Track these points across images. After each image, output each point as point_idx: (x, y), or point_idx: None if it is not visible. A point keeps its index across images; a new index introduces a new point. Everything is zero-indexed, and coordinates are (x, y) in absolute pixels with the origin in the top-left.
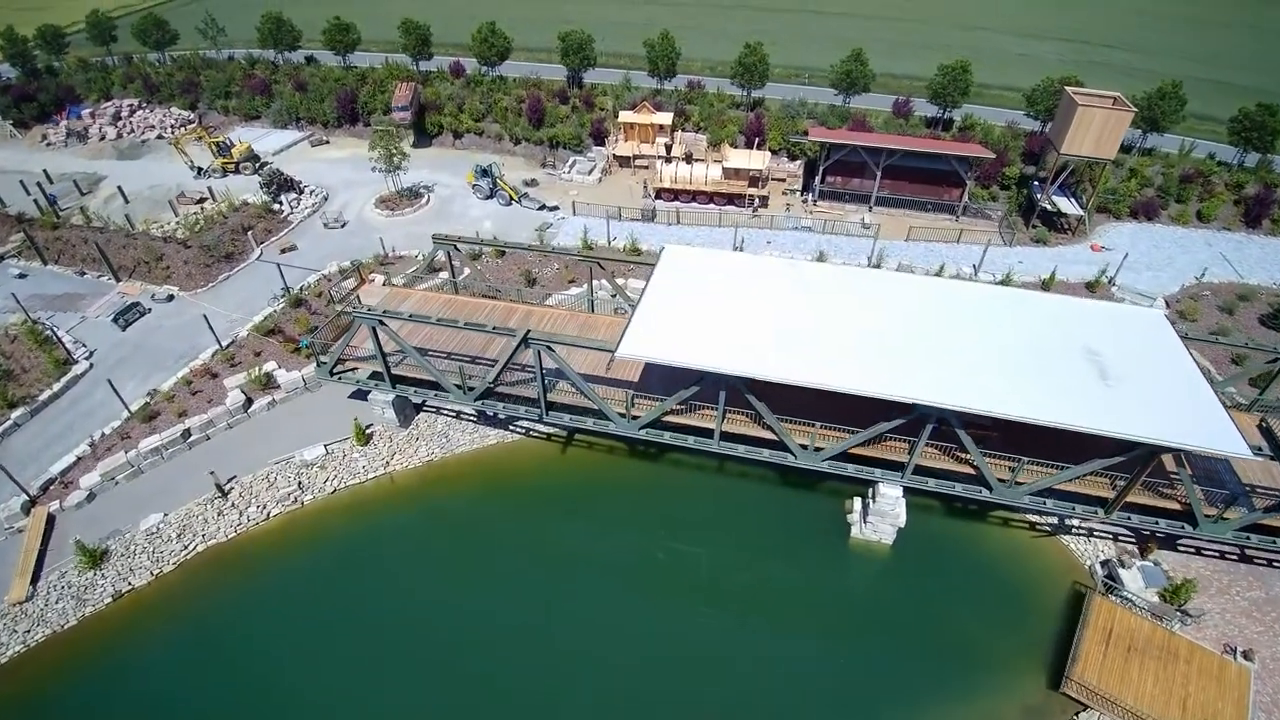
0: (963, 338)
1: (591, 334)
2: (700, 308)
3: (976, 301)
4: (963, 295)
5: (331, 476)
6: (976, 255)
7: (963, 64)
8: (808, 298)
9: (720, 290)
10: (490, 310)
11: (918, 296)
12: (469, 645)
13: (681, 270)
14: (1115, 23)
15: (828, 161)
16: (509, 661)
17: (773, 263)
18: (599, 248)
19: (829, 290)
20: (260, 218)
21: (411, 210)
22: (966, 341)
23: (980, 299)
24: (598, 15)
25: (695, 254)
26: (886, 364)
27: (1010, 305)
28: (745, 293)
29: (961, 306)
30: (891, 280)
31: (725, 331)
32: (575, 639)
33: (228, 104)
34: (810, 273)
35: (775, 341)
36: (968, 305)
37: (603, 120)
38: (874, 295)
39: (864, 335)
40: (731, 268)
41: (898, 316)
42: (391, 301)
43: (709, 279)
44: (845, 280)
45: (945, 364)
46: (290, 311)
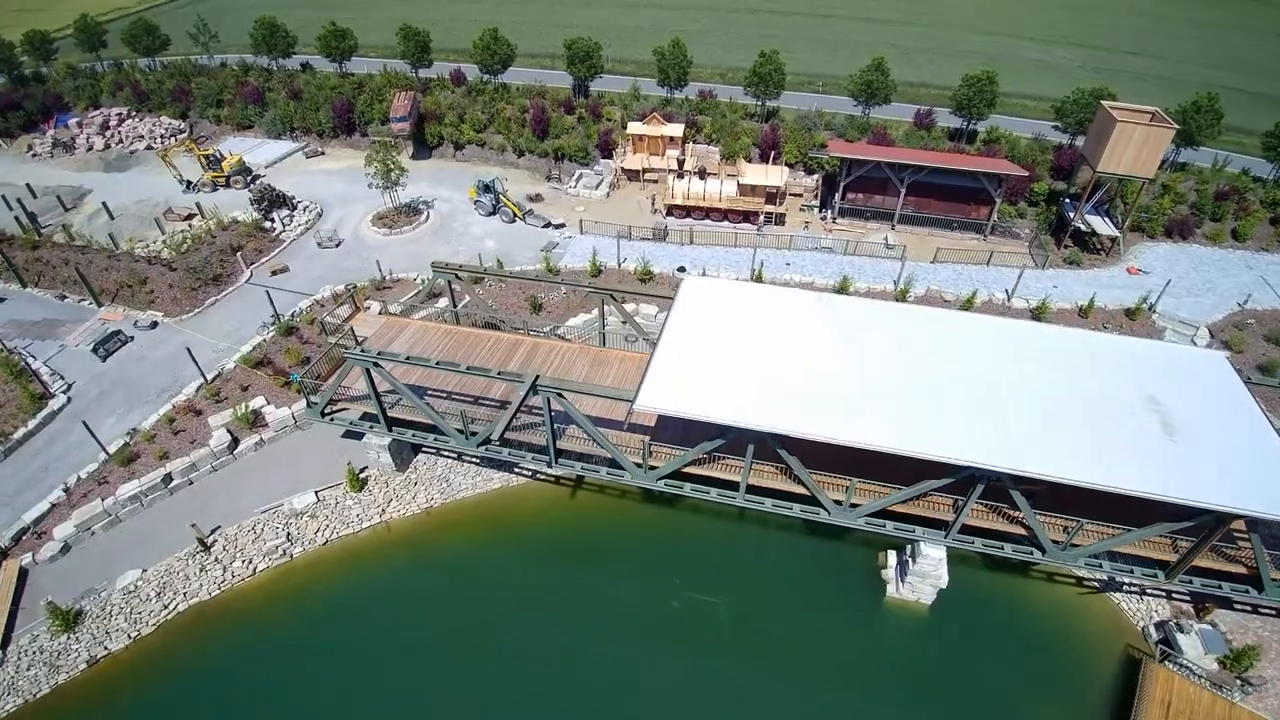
0: (1013, 384)
1: (603, 370)
2: (723, 349)
3: (1023, 341)
4: (1008, 334)
5: (323, 526)
6: (1008, 278)
7: (989, 74)
8: (840, 337)
9: (744, 328)
10: (493, 343)
11: (958, 335)
12: (472, 707)
13: (701, 305)
14: (1132, 27)
15: (848, 178)
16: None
17: (799, 296)
18: (609, 272)
19: (862, 328)
20: (250, 236)
21: (410, 228)
22: (1018, 388)
23: (1027, 338)
24: (603, 19)
25: (715, 286)
26: (933, 417)
27: (1060, 346)
28: (772, 331)
29: (1008, 346)
30: (928, 316)
31: (752, 378)
32: (586, 695)
33: (219, 113)
34: (840, 308)
35: (808, 390)
36: (1014, 345)
37: (610, 131)
38: (911, 333)
39: (905, 382)
40: (755, 301)
41: (940, 359)
42: (388, 332)
43: (731, 315)
44: (878, 316)
45: (997, 416)
46: (280, 341)
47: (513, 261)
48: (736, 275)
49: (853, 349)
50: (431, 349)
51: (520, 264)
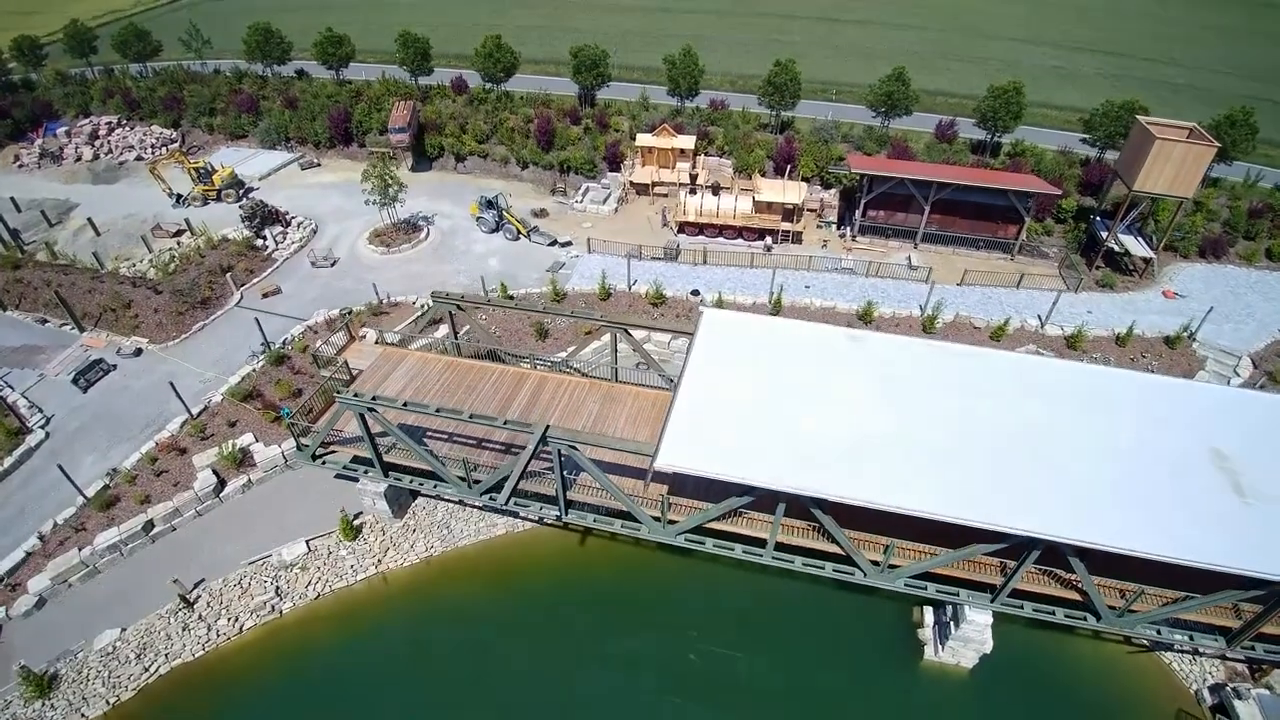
0: (1068, 436)
1: (615, 408)
2: (749, 394)
3: (1073, 385)
4: (1056, 377)
5: (315, 579)
6: (1039, 303)
7: (1015, 85)
8: (876, 380)
9: (771, 370)
10: (497, 377)
11: (1003, 378)
12: None
13: (723, 342)
14: (1150, 33)
15: (870, 194)
16: None
17: (829, 333)
18: (618, 294)
19: (899, 370)
20: (241, 255)
21: (409, 246)
22: (1073, 441)
23: (1077, 381)
24: (608, 24)
25: (737, 320)
26: (985, 477)
27: (1112, 390)
28: (801, 374)
29: (1057, 391)
30: (966, 356)
31: (783, 429)
32: None
33: (212, 122)
34: (874, 347)
35: (845, 444)
36: (1065, 390)
37: (618, 143)
38: (951, 377)
39: (951, 435)
40: (781, 338)
41: (986, 407)
42: (385, 364)
43: (756, 354)
44: (915, 356)
45: (1054, 475)
46: (271, 371)
47: (517, 283)
48: (754, 299)
49: (890, 394)
50: (431, 383)
51: (525, 285)
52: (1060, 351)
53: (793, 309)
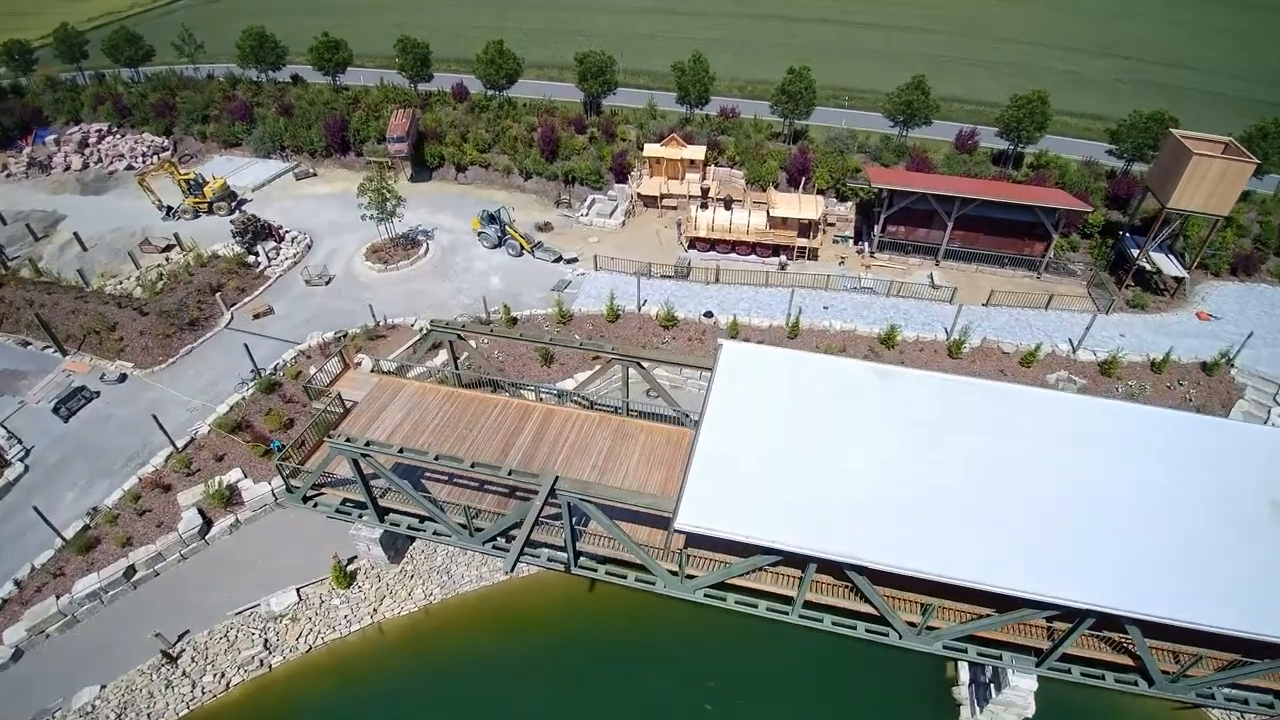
0: (1119, 487)
1: (627, 445)
2: (775, 441)
3: (1119, 426)
4: (1101, 418)
5: (306, 631)
6: (1069, 325)
7: (1040, 94)
8: (911, 423)
9: (797, 412)
10: (500, 409)
11: (1045, 419)
12: None
13: (744, 380)
14: (1159, 36)
15: (890, 209)
16: None
17: (857, 370)
18: (627, 316)
19: (934, 411)
20: (232, 273)
21: (408, 263)
22: (1125, 493)
23: (1123, 422)
24: (612, 26)
25: (757, 355)
26: (1031, 536)
27: (1162, 431)
28: (829, 416)
29: (1103, 434)
30: (1006, 396)
31: (811, 480)
32: None
33: (205, 129)
34: (907, 385)
35: (878, 497)
36: (1111, 433)
37: (625, 153)
38: (989, 417)
39: (992, 485)
40: (806, 375)
41: (1029, 452)
42: (381, 395)
43: (780, 394)
44: (949, 394)
45: (1106, 533)
46: (261, 399)
47: (521, 303)
48: (770, 321)
49: (926, 439)
50: (430, 416)
51: (529, 305)
52: (1094, 378)
53: (811, 332)
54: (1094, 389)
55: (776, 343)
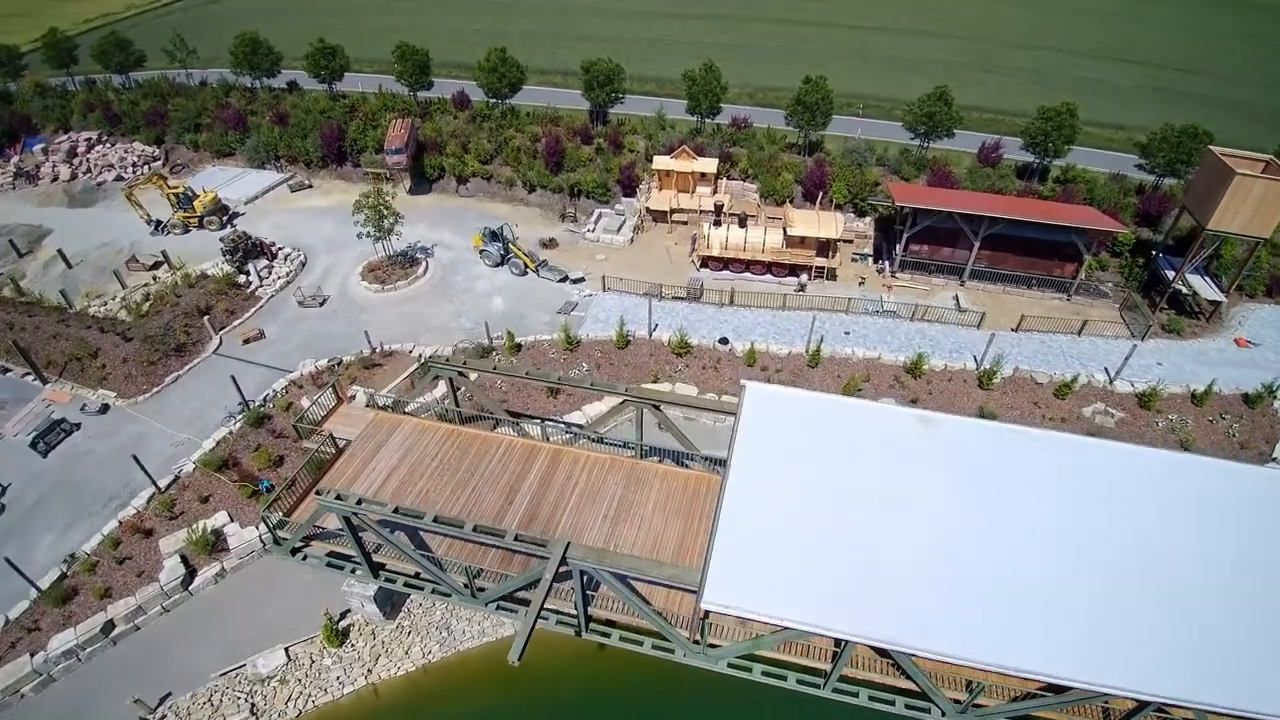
0: (1191, 557)
1: (641, 491)
2: (807, 501)
3: (1184, 484)
4: (1165, 473)
5: (295, 694)
6: (1104, 352)
7: (1068, 106)
8: (954, 478)
9: (830, 465)
10: (504, 450)
11: (1105, 475)
12: None
13: (772, 428)
14: (1176, 41)
15: (913, 228)
16: None
17: (893, 415)
18: (638, 342)
19: (980, 464)
20: (221, 294)
21: (406, 283)
22: (1200, 568)
23: (1189, 479)
24: (617, 30)
25: (785, 399)
26: (1096, 617)
27: (1237, 490)
28: (865, 469)
29: (1170, 493)
30: (1057, 446)
31: (852, 552)
32: None
33: (197, 138)
34: (949, 434)
35: (924, 570)
36: (1177, 491)
37: (633, 165)
38: (1042, 473)
39: (1049, 554)
40: (839, 422)
41: (1089, 516)
42: (376, 433)
43: (812, 444)
44: (997, 445)
45: (1177, 611)
46: (250, 433)
47: (525, 327)
48: (789, 349)
49: (975, 500)
50: (428, 458)
51: (534, 329)
52: (1132, 411)
53: (832, 361)
54: (1132, 422)
55: (796, 372)
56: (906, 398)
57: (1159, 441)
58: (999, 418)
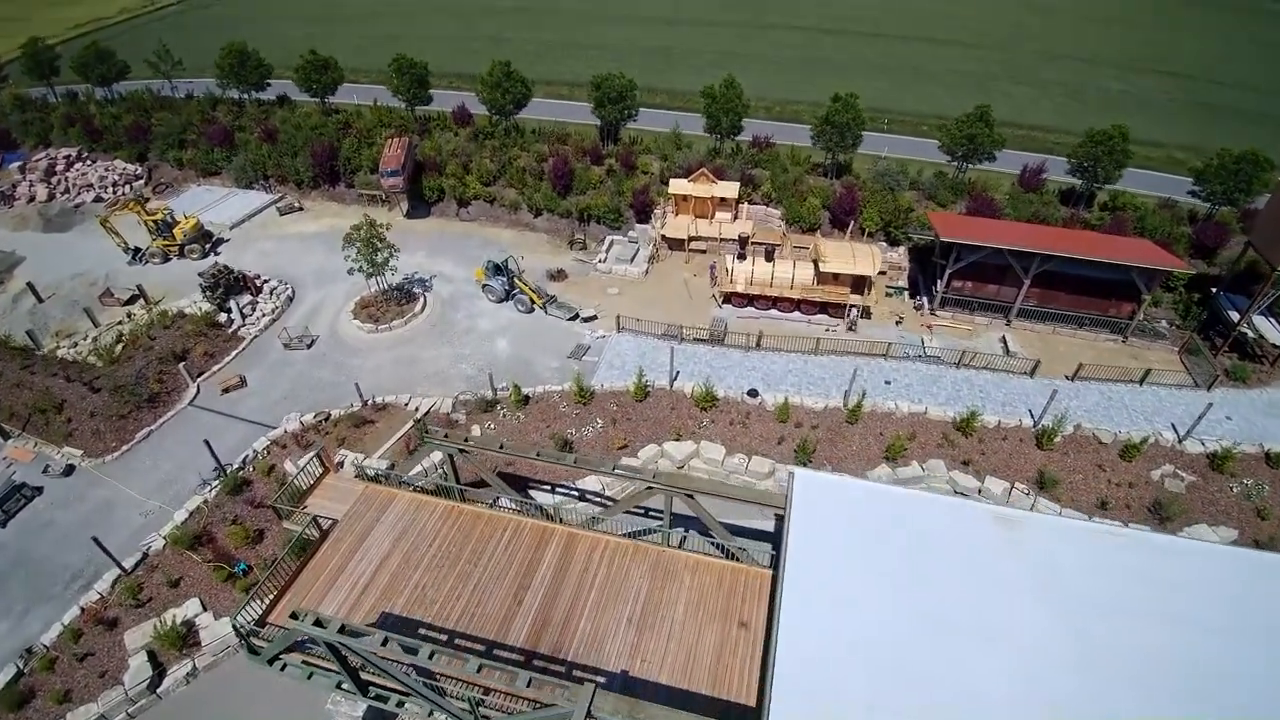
0: None
1: (670, 587)
2: (874, 621)
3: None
4: None
5: None
6: (1168, 404)
7: (1120, 129)
8: (1047, 596)
9: (898, 573)
10: (511, 534)
11: (1220, 587)
12: None
13: (827, 531)
14: (1207, 51)
15: (957, 263)
16: None
17: (967, 512)
18: (657, 393)
19: (1081, 579)
20: (200, 335)
21: (401, 322)
22: None
23: None
24: (626, 38)
25: (841, 491)
26: None
27: None
28: (940, 580)
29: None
30: (1165, 553)
31: (929, 688)
32: None
33: (182, 155)
34: (1035, 537)
35: (1018, 713)
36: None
37: (647, 189)
38: (1147, 587)
39: (1170, 699)
40: (901, 514)
41: (1218, 650)
42: (366, 510)
43: (876, 548)
44: (1101, 555)
45: None
46: (226, 503)
47: (533, 374)
48: (825, 402)
49: (1074, 624)
50: (425, 543)
51: (542, 378)
52: (1203, 473)
53: (874, 416)
54: (1204, 487)
55: (834, 429)
56: (957, 458)
57: (1233, 509)
58: (1060, 483)
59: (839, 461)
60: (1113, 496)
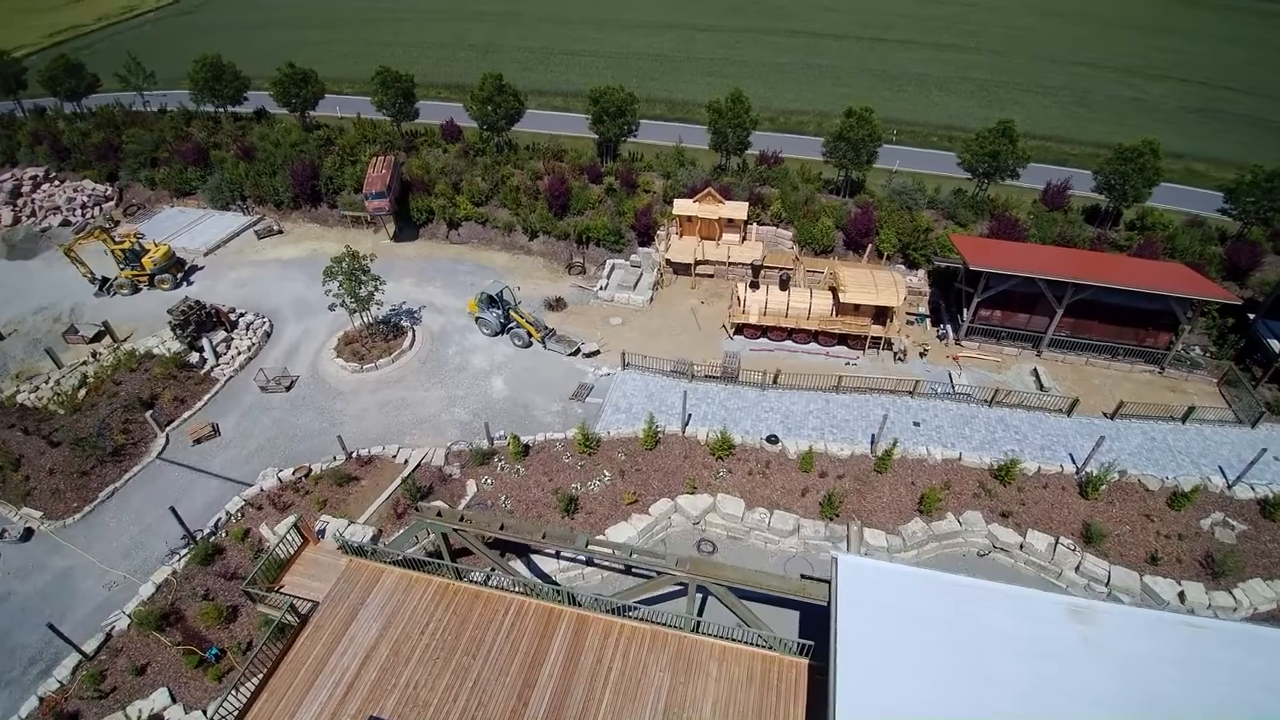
0: None
1: (696, 682)
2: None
3: None
4: None
5: None
6: (1213, 444)
7: (1151, 144)
8: (1134, 704)
9: (966, 683)
10: (514, 618)
11: None
12: None
13: (880, 622)
14: (1220, 55)
15: (986, 292)
16: None
17: (1039, 606)
18: (669, 439)
19: (1166, 678)
20: (170, 378)
21: (388, 359)
22: None
23: None
24: (622, 46)
25: (891, 579)
26: None
27: None
28: (1011, 689)
29: None
30: (1253, 646)
31: None
32: None
33: (154, 174)
34: (1111, 632)
35: None
36: None
37: (650, 209)
38: (1238, 689)
39: None
40: (965, 613)
41: None
42: (351, 589)
43: (934, 645)
44: (1189, 649)
45: None
46: (197, 574)
47: (531, 418)
48: (852, 449)
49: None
50: (416, 631)
51: (542, 424)
52: (1254, 521)
53: (904, 464)
54: (1255, 536)
55: (862, 479)
56: (995, 509)
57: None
58: (1108, 536)
59: (869, 515)
60: (1163, 550)
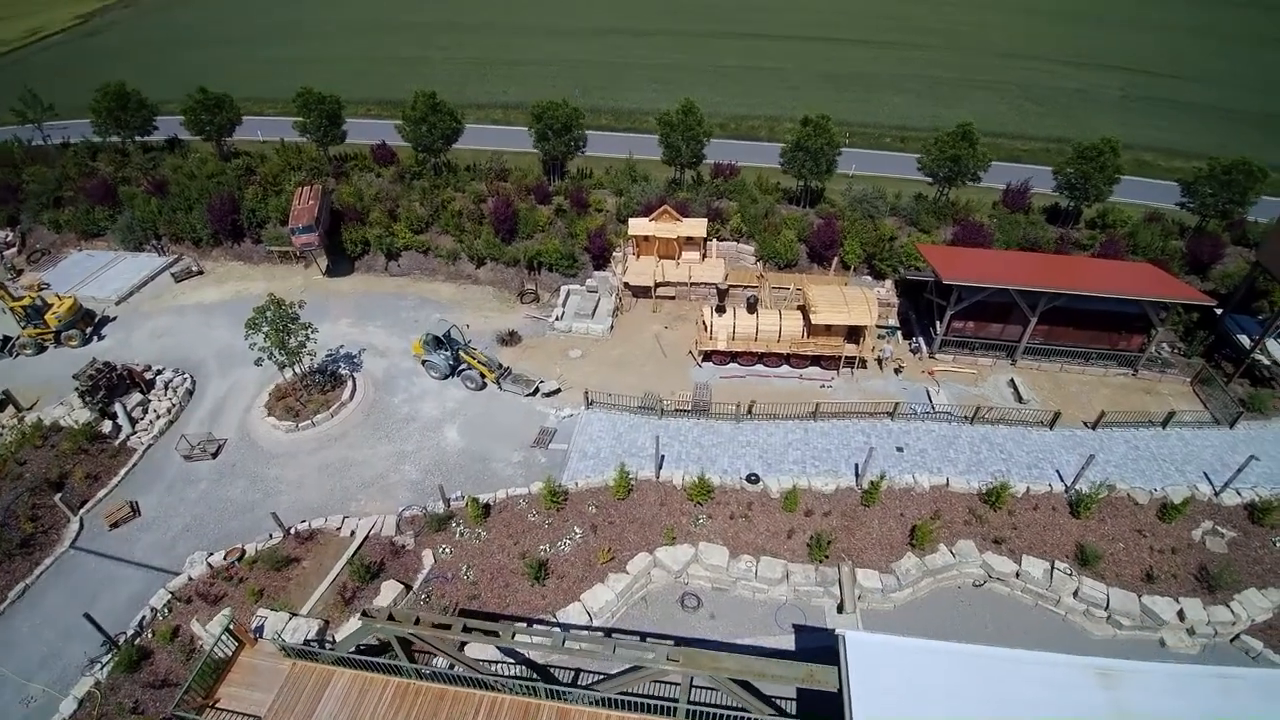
0: None
1: None
2: None
3: None
4: None
5: None
6: (1195, 449)
7: (1110, 143)
8: None
9: None
10: (484, 716)
11: None
12: None
13: (898, 708)
14: (1169, 44)
15: (959, 304)
16: None
17: (1061, 671)
18: (642, 485)
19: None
20: (81, 452)
21: (327, 415)
22: None
23: None
24: (561, 54)
25: (904, 656)
26: None
27: None
28: None
29: None
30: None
31: None
32: None
33: (58, 216)
34: (1148, 696)
35: None
36: None
37: (603, 230)
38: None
39: None
40: (988, 689)
41: None
42: (295, 697)
43: None
44: (1200, 704)
45: None
46: (123, 684)
47: (491, 471)
48: (837, 482)
49: None
50: None
51: (504, 477)
52: (1243, 527)
53: (891, 494)
54: (1245, 543)
55: (849, 514)
56: (987, 536)
57: (1278, 566)
58: (1103, 557)
59: (859, 553)
60: (1158, 567)
